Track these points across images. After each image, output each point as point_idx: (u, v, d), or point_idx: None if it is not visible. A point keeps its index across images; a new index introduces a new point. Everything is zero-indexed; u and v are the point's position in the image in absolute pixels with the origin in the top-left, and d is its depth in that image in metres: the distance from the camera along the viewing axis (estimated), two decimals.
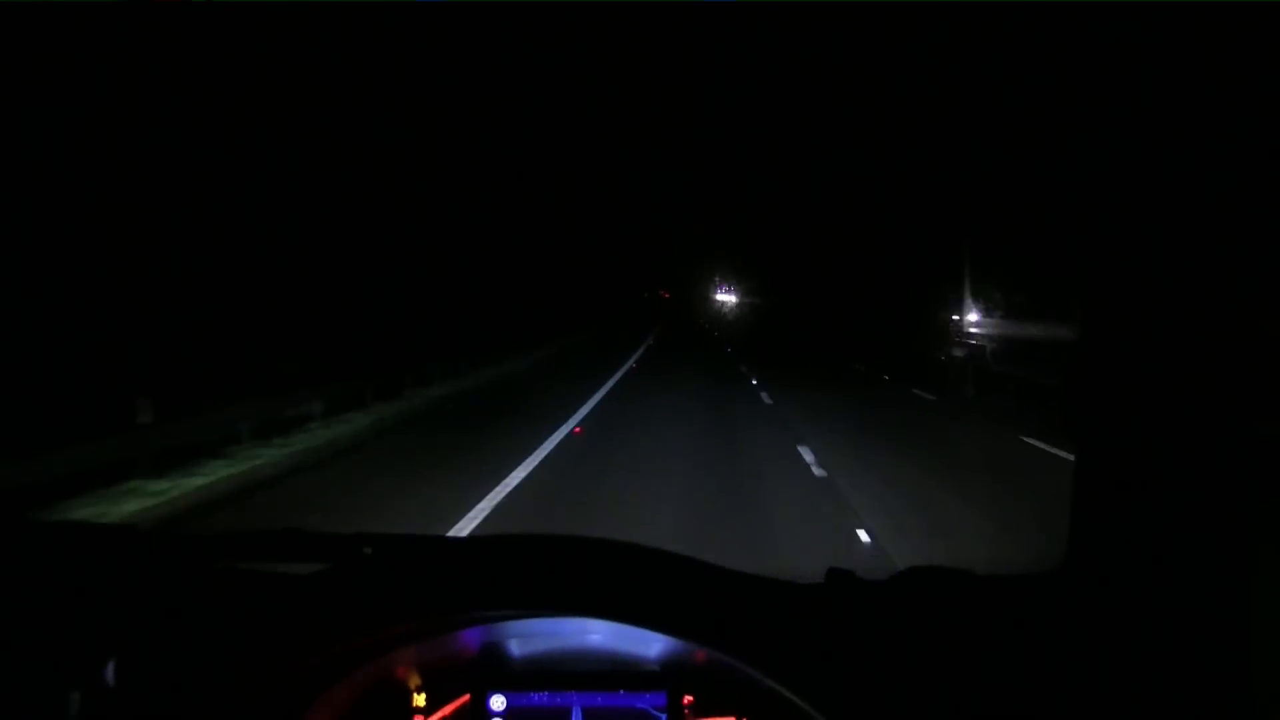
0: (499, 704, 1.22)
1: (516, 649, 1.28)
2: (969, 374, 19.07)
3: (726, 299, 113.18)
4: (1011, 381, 18.53)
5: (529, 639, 1.27)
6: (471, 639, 1.23)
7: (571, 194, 56.01)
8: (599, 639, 1.25)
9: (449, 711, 1.25)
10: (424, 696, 1.24)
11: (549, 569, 1.09)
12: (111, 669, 1.05)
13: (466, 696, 1.24)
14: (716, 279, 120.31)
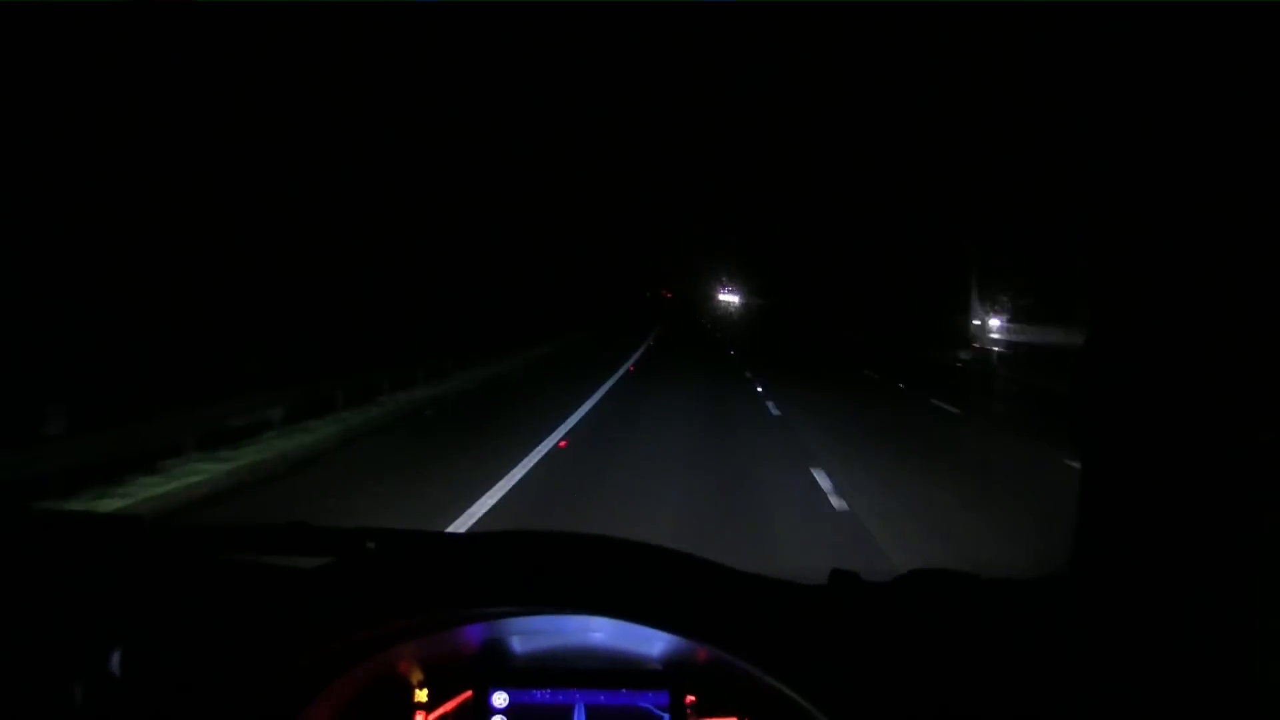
0: (501, 700, 1.23)
1: (519, 646, 1.28)
2: (992, 383, 17.88)
3: (730, 299, 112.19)
4: (1033, 391, 17.48)
5: (532, 636, 1.27)
6: (474, 635, 1.23)
7: (572, 192, 55.06)
8: (602, 637, 1.25)
9: (451, 707, 1.25)
10: (426, 692, 1.24)
11: (552, 566, 1.09)
12: (116, 660, 1.05)
13: (469, 693, 1.25)
14: (720, 278, 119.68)
